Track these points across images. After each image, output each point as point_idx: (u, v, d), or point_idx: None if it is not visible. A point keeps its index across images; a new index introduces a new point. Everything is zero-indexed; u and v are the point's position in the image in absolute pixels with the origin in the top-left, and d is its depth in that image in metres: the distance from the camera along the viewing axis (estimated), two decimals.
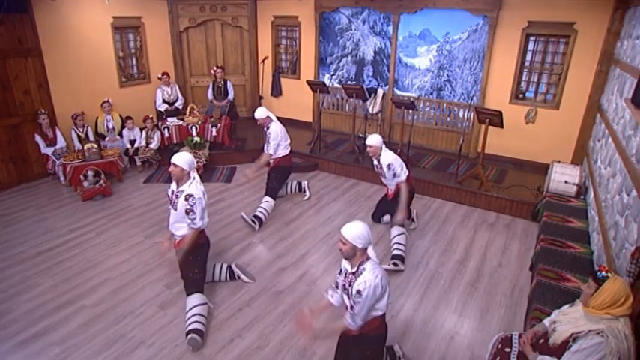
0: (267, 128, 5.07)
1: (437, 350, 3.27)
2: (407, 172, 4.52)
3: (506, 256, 4.58)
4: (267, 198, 5.18)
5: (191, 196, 3.31)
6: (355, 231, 2.38)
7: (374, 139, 4.45)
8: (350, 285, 2.46)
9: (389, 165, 4.42)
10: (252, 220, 4.94)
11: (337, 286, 2.65)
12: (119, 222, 5.13)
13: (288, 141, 5.22)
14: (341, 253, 2.47)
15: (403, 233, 4.42)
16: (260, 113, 5.04)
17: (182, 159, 3.34)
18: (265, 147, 5.15)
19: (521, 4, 5.93)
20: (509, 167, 6.49)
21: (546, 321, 2.55)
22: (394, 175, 4.48)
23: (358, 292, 2.36)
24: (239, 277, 4.03)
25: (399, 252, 4.29)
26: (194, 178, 3.40)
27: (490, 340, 2.78)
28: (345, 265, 2.55)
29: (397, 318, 3.60)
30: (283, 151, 5.16)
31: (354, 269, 2.46)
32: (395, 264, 4.20)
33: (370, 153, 4.53)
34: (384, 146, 4.51)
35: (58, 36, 6.26)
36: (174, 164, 3.33)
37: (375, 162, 4.59)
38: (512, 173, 6.27)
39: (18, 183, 6.07)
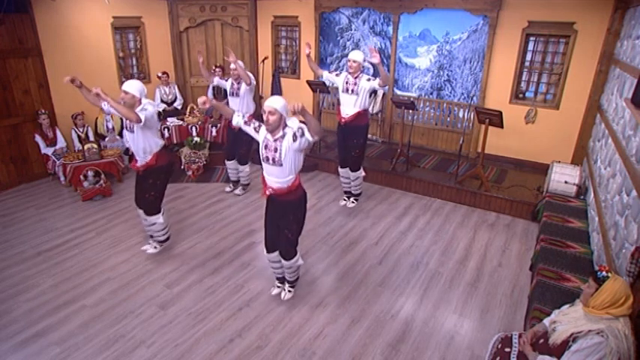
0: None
1: (437, 350, 3.27)
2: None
3: (506, 256, 4.58)
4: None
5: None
6: (282, 101, 3.00)
7: (358, 55, 4.77)
8: (276, 151, 3.10)
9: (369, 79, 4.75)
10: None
11: (265, 160, 3.19)
12: (119, 222, 5.13)
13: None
14: (267, 125, 3.04)
15: (358, 177, 5.31)
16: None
17: (133, 86, 3.66)
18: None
19: (521, 4, 5.93)
20: (509, 167, 6.49)
21: (546, 321, 2.55)
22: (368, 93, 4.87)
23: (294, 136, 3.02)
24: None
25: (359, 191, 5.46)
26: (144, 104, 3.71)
27: (490, 340, 2.78)
28: (268, 136, 3.15)
29: (397, 318, 3.60)
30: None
31: (277, 136, 3.09)
32: (356, 200, 5.49)
33: (352, 69, 4.78)
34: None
35: (58, 36, 6.26)
36: (124, 91, 3.63)
37: (351, 79, 4.84)
38: (512, 173, 6.27)
39: (18, 183, 6.07)
